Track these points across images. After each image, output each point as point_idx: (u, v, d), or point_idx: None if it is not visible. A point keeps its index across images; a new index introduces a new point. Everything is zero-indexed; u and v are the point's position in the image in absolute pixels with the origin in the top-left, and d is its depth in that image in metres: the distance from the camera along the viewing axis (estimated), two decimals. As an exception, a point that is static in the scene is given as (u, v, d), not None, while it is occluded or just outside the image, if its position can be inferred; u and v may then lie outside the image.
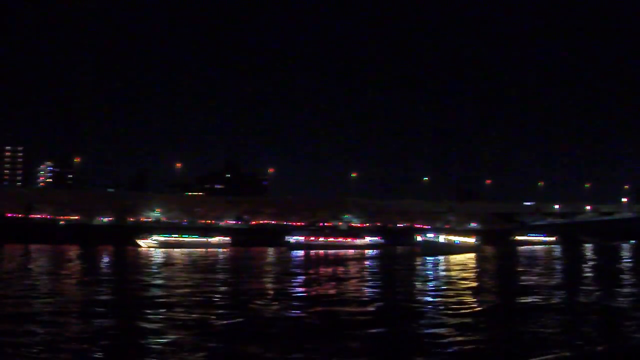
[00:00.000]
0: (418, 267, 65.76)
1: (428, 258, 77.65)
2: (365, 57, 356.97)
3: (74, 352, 20.10)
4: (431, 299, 35.69)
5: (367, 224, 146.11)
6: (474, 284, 46.19)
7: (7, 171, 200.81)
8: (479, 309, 31.73)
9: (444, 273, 58.04)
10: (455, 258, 79.65)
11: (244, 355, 20.40)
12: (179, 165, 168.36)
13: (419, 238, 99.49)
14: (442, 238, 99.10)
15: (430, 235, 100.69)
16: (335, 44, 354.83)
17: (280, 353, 20.40)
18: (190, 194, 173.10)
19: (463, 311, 30.45)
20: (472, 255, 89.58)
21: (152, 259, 74.43)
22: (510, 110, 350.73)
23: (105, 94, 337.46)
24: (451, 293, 39.06)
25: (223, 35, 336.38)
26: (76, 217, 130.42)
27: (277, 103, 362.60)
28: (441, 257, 79.37)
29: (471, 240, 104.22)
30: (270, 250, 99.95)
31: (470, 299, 35.71)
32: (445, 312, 29.99)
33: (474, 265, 69.13)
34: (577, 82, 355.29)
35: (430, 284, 47.13)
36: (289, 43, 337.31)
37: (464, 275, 54.78)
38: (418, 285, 46.32)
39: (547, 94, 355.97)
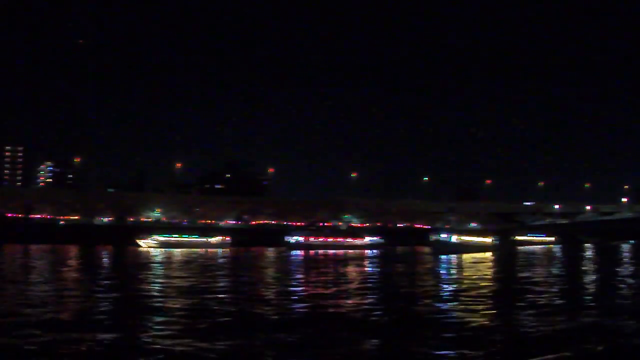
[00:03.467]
0: (433, 266, 67.18)
1: (442, 257, 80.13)
2: (365, 57, 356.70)
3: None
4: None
5: (367, 224, 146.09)
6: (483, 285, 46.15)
7: (7, 171, 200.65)
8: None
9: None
10: (469, 257, 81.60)
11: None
12: (179, 165, 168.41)
13: (433, 238, 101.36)
14: (454, 238, 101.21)
15: (443, 235, 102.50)
16: (335, 44, 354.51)
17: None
18: (189, 194, 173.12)
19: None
20: (488, 254, 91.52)
21: (152, 258, 74.43)
22: (511, 110, 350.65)
23: (106, 94, 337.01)
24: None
25: (223, 35, 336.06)
26: (76, 217, 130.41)
27: (277, 103, 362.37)
28: (454, 256, 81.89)
29: (488, 239, 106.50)
30: (270, 250, 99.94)
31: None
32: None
33: (485, 265, 70.21)
34: (577, 81, 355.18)
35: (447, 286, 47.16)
36: (289, 43, 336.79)
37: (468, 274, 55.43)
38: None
39: (547, 94, 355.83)
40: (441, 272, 60.68)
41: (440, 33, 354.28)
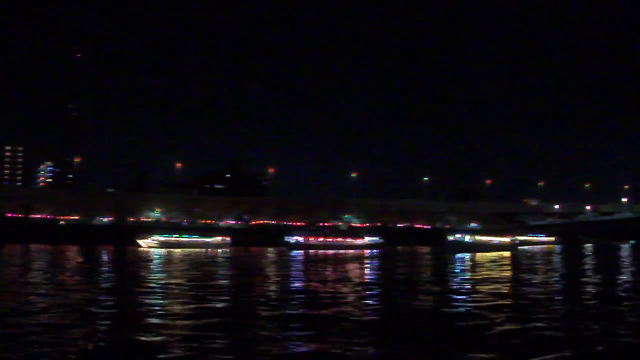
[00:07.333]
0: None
1: (457, 256, 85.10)
2: (365, 57, 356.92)
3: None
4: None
5: (367, 224, 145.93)
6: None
7: (7, 171, 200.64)
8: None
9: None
10: (482, 256, 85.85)
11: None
12: (179, 165, 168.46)
13: (449, 238, 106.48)
14: (467, 238, 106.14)
15: (457, 236, 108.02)
16: (336, 44, 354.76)
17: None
18: (190, 194, 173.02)
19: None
20: (506, 253, 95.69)
21: (152, 258, 74.40)
22: (511, 110, 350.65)
23: (106, 94, 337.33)
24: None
25: (224, 35, 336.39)
26: (76, 217, 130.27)
27: (278, 103, 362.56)
28: (467, 255, 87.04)
29: (507, 239, 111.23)
30: (270, 250, 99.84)
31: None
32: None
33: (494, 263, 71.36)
34: (577, 81, 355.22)
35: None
36: (290, 43, 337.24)
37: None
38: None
39: (547, 94, 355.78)
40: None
41: (440, 34, 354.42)
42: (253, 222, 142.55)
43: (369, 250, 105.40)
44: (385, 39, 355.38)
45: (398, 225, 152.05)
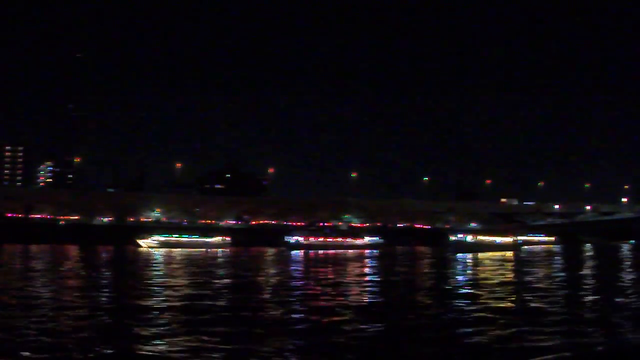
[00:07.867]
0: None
1: (459, 256, 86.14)
2: (364, 56, 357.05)
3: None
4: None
5: (367, 224, 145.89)
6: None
7: (7, 171, 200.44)
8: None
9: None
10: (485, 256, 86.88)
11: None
12: (179, 165, 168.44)
13: (452, 238, 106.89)
14: (469, 237, 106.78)
15: (459, 236, 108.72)
16: (334, 44, 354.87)
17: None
18: (190, 194, 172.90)
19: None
20: (509, 253, 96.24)
21: (152, 258, 74.42)
22: (511, 110, 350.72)
23: (106, 94, 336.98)
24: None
25: (224, 34, 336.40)
26: (76, 217, 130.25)
27: (277, 103, 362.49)
28: (470, 255, 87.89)
29: (509, 239, 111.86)
30: (270, 250, 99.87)
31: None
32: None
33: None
34: (577, 81, 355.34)
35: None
36: (289, 43, 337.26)
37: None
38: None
39: (547, 94, 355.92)
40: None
41: (439, 34, 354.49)
42: (253, 222, 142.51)
43: (369, 250, 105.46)
44: (383, 38, 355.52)
45: (398, 225, 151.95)
